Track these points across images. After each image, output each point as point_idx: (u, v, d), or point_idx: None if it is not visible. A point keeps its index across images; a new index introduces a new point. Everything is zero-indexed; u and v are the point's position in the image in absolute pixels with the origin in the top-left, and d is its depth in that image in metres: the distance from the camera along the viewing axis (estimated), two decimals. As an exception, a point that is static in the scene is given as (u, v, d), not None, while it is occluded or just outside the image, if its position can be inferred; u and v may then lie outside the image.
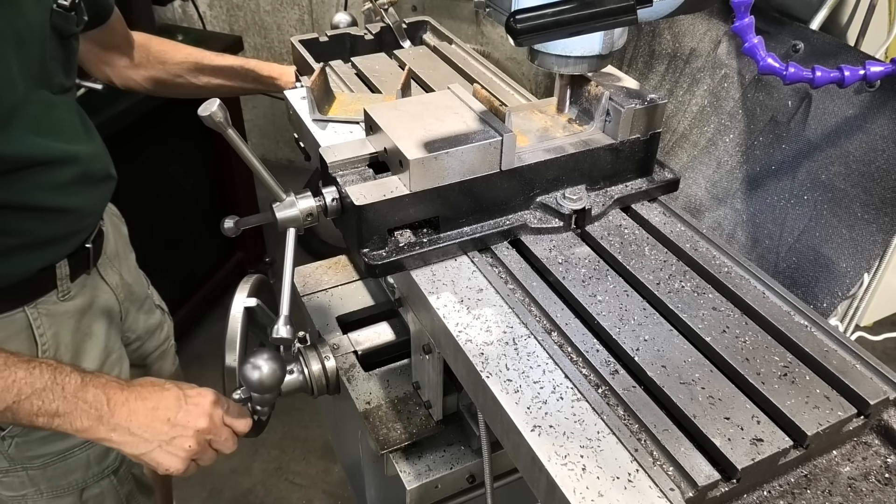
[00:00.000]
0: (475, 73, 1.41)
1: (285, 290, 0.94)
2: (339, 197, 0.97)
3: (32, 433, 1.34)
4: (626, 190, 1.07)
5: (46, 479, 1.40)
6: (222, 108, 0.88)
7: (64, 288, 1.33)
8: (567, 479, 0.71)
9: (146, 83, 1.60)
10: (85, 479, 1.43)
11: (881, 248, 1.00)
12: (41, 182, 1.19)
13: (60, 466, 1.39)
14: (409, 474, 1.12)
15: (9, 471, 1.38)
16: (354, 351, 1.24)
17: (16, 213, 1.18)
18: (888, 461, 0.78)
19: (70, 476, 1.41)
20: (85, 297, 1.39)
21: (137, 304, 1.59)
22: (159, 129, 2.48)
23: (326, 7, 3.57)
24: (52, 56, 1.20)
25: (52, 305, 1.32)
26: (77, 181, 1.26)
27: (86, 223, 1.35)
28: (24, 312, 1.28)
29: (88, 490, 1.45)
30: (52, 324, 1.32)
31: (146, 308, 1.64)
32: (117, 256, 1.52)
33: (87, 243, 1.36)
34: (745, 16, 0.92)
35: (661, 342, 0.85)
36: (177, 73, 1.59)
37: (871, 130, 0.99)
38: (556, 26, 0.78)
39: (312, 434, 2.76)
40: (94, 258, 1.40)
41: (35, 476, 1.39)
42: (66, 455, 1.39)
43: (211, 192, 2.98)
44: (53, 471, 1.39)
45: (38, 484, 1.40)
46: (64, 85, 1.25)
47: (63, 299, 1.34)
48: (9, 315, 1.27)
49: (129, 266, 1.58)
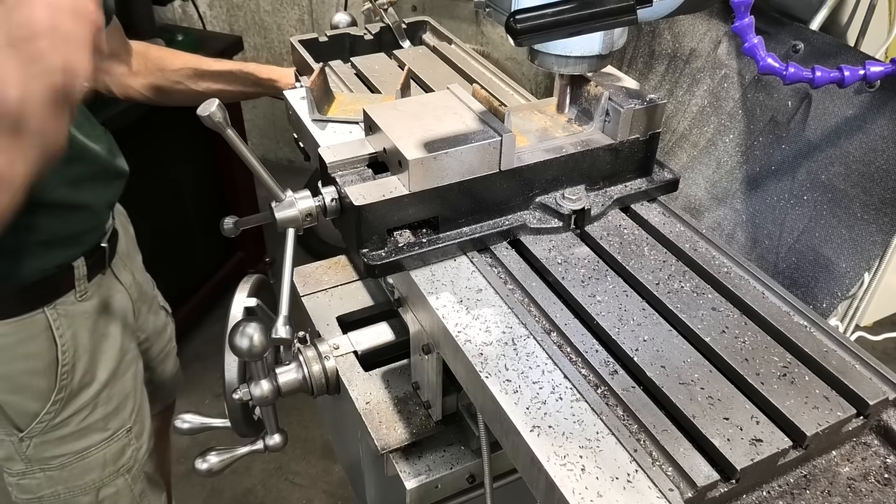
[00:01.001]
0: (475, 73, 1.41)
1: (285, 290, 0.94)
2: (338, 197, 0.97)
3: (51, 433, 1.36)
4: (625, 190, 1.07)
5: (64, 480, 1.42)
6: (221, 108, 0.88)
7: (81, 288, 1.35)
8: (566, 480, 0.71)
9: (146, 91, 1.60)
10: (101, 479, 1.45)
11: (881, 248, 0.99)
12: (58, 175, 1.20)
13: (78, 466, 1.41)
14: (409, 474, 1.12)
15: (26, 472, 1.40)
16: (354, 351, 1.24)
17: (34, 209, 1.17)
18: (887, 461, 0.78)
19: (87, 476, 1.43)
20: (101, 297, 1.42)
21: (147, 303, 1.61)
22: (159, 130, 2.48)
23: (326, 7, 3.57)
24: None
25: (70, 306, 1.34)
26: (91, 176, 1.28)
27: (100, 220, 1.36)
28: (44, 314, 1.30)
29: (104, 489, 1.47)
30: (70, 324, 1.34)
31: (154, 308, 1.66)
32: (128, 256, 1.55)
33: (103, 242, 1.39)
34: (745, 16, 0.92)
35: (661, 342, 0.85)
36: (176, 79, 1.60)
37: (871, 131, 0.99)
38: (556, 26, 0.78)
39: (312, 434, 2.76)
40: (110, 258, 1.43)
41: (53, 477, 1.41)
42: (84, 455, 1.41)
43: (211, 192, 2.98)
44: (70, 471, 1.41)
45: (56, 485, 1.42)
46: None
47: (81, 299, 1.36)
48: (29, 316, 1.29)
49: (138, 266, 1.61)
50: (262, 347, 1.00)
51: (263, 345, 1.00)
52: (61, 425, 1.37)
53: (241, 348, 0.99)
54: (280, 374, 1.14)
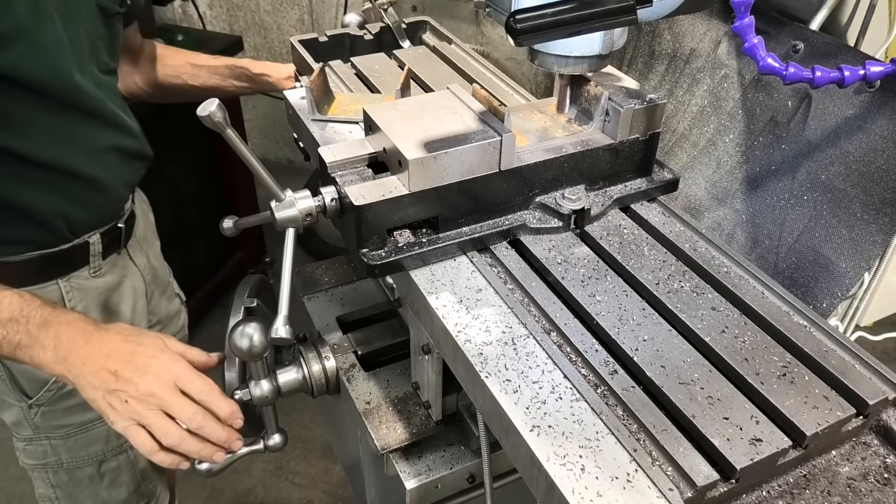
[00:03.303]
0: (475, 73, 1.41)
1: (285, 289, 0.94)
2: (338, 197, 0.97)
3: (58, 403, 1.41)
4: (625, 190, 1.07)
5: (68, 450, 1.46)
6: (221, 108, 0.88)
7: (96, 265, 1.39)
8: (566, 479, 0.71)
9: (145, 86, 1.65)
10: (104, 452, 1.48)
11: (881, 248, 0.99)
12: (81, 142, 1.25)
13: (82, 437, 1.45)
14: (409, 474, 1.12)
15: (33, 439, 1.44)
16: (354, 351, 1.24)
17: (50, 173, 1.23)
18: (887, 461, 0.78)
19: (90, 448, 1.46)
20: (114, 276, 1.46)
21: (161, 288, 1.65)
22: (159, 130, 2.47)
23: (326, 7, 3.57)
24: (99, 35, 1.28)
25: (83, 280, 1.39)
26: (112, 150, 1.32)
27: (115, 196, 1.40)
28: (58, 285, 1.35)
29: (106, 463, 1.50)
30: (82, 297, 1.39)
31: (168, 294, 1.69)
32: (146, 240, 1.58)
33: (120, 223, 1.43)
34: (745, 16, 0.92)
35: (660, 342, 0.85)
36: (174, 74, 1.65)
37: (871, 131, 0.99)
38: (556, 26, 0.78)
39: (312, 434, 2.76)
40: (125, 238, 1.47)
41: (57, 446, 1.45)
42: (88, 427, 1.44)
43: (211, 192, 2.98)
44: (75, 441, 1.44)
45: (60, 454, 1.46)
46: (109, 65, 1.33)
47: (94, 275, 1.40)
48: (43, 286, 1.33)
49: (155, 251, 1.65)
50: (262, 347, 1.00)
51: (263, 345, 1.00)
52: (68, 396, 1.40)
53: (242, 348, 0.99)
54: (280, 374, 1.14)
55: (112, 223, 1.41)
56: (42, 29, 1.14)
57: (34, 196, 1.23)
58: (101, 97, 1.26)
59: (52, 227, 1.28)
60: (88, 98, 1.23)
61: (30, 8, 1.12)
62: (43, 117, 1.19)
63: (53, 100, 1.18)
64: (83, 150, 1.26)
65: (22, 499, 2.53)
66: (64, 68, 1.18)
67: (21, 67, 1.12)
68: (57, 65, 1.17)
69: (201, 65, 1.64)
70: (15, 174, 1.20)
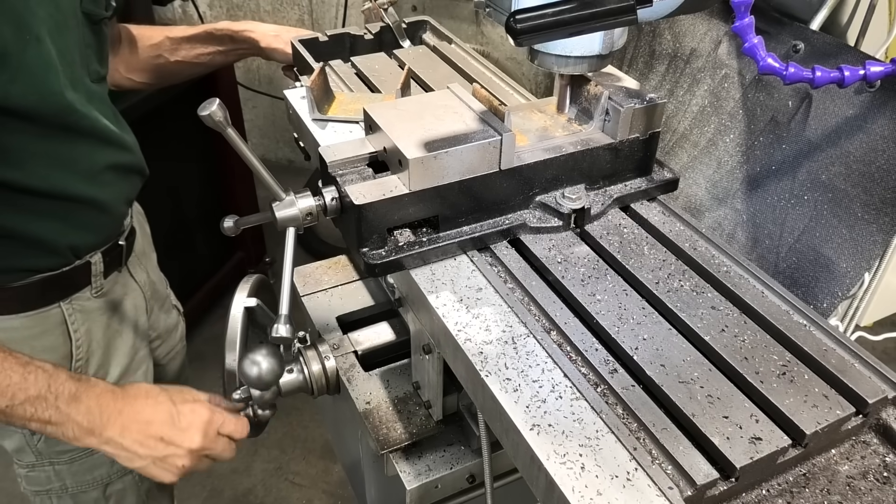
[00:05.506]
0: (475, 72, 1.41)
1: (285, 289, 0.94)
2: (338, 196, 0.97)
3: None
4: (625, 189, 1.07)
5: (72, 474, 1.43)
6: (222, 108, 0.88)
7: (97, 284, 1.37)
8: (566, 478, 0.71)
9: (129, 73, 1.60)
10: (109, 475, 1.46)
11: (881, 248, 1.00)
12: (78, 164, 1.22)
13: (87, 462, 1.42)
14: (409, 474, 1.12)
15: (35, 465, 1.41)
16: (354, 351, 1.24)
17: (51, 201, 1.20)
18: (886, 460, 0.78)
19: (95, 472, 1.44)
20: (116, 294, 1.43)
21: (160, 302, 1.62)
22: (158, 129, 2.48)
23: (326, 7, 3.58)
24: (87, 43, 1.23)
25: (85, 301, 1.35)
26: (110, 168, 1.29)
27: (116, 215, 1.37)
28: (60, 308, 1.32)
29: (112, 486, 1.48)
30: (85, 319, 1.36)
31: (166, 307, 1.67)
32: (144, 254, 1.56)
33: (121, 241, 1.40)
34: (745, 16, 0.92)
35: (660, 341, 0.85)
36: (154, 53, 1.59)
37: (871, 130, 0.99)
38: (556, 26, 0.78)
39: (312, 434, 2.76)
40: (126, 255, 1.44)
41: (61, 471, 1.42)
42: (93, 451, 1.41)
43: (211, 192, 2.98)
44: (80, 466, 1.42)
45: (64, 479, 1.43)
46: (99, 72, 1.29)
47: (96, 295, 1.37)
48: (45, 310, 1.30)
49: (152, 264, 1.62)
50: (273, 377, 1.00)
51: (275, 373, 1.00)
52: None
53: (251, 376, 0.99)
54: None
55: (113, 241, 1.38)
56: (28, 51, 1.08)
57: (37, 225, 1.21)
58: (94, 115, 1.22)
59: (57, 253, 1.26)
60: (81, 117, 1.19)
61: (13, 30, 1.05)
62: (37, 143, 1.14)
63: (46, 124, 1.14)
64: (81, 173, 1.23)
65: (22, 499, 2.53)
66: (54, 89, 1.12)
67: (9, 95, 1.06)
68: (46, 87, 1.11)
69: (180, 37, 1.58)
70: (16, 205, 1.17)
